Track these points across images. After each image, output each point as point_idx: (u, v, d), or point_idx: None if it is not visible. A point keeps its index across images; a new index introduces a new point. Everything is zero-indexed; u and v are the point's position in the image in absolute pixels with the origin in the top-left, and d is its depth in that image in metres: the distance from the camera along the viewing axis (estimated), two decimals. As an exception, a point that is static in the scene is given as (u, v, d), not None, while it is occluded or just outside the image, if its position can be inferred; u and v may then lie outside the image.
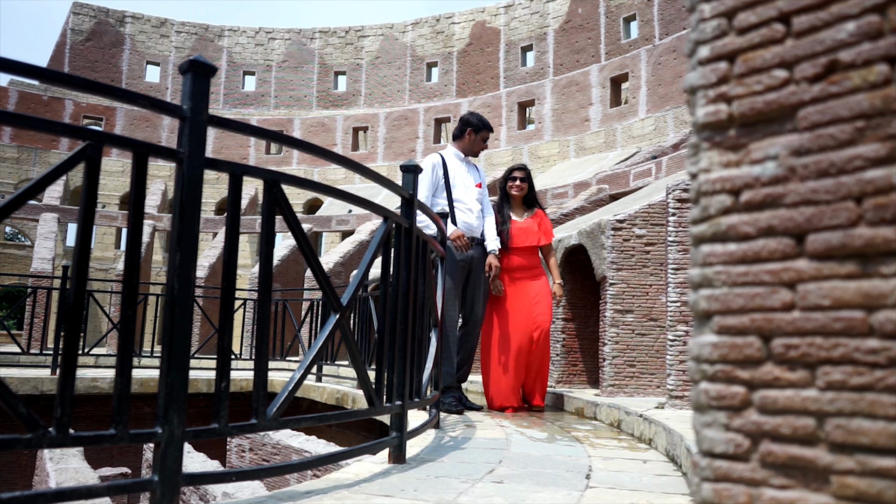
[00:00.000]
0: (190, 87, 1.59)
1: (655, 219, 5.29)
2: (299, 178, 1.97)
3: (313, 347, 2.04)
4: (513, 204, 4.85)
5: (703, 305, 0.82)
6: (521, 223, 4.76)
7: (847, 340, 0.71)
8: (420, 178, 4.28)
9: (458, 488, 2.05)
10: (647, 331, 5.17)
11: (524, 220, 4.78)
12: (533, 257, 4.73)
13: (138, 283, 1.51)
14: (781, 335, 0.75)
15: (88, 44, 27.37)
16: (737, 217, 0.80)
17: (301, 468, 1.90)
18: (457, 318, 4.36)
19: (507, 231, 4.70)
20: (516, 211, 4.84)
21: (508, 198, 4.85)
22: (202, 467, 4.63)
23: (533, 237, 4.71)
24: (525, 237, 4.71)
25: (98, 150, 1.43)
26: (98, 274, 23.20)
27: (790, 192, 0.76)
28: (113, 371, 1.49)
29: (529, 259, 4.72)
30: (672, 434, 2.90)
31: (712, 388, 0.80)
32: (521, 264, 4.69)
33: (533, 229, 4.72)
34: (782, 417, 0.74)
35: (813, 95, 0.75)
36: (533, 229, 4.72)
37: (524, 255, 4.70)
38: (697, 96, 0.85)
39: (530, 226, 4.74)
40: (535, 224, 4.75)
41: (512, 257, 4.70)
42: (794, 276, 0.75)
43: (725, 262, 0.80)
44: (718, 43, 0.83)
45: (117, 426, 1.39)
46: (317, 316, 8.11)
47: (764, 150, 0.78)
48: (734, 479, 0.77)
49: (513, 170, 4.88)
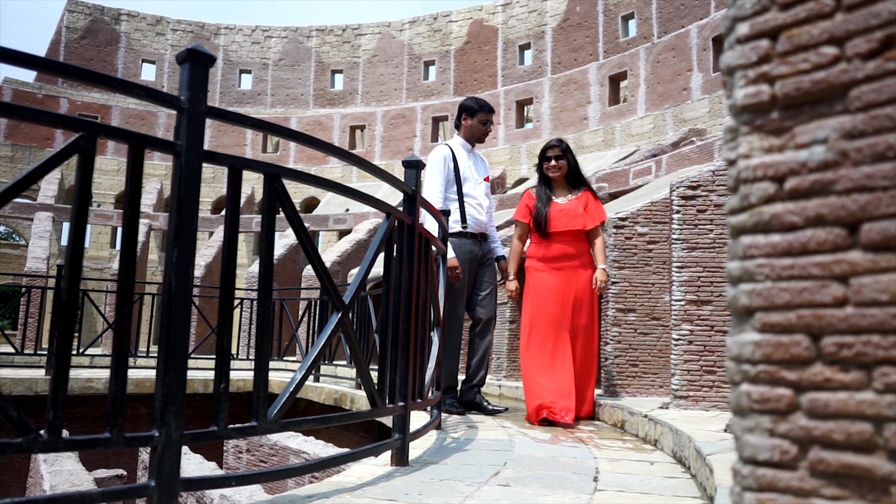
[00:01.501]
0: (188, 77, 1.53)
1: (658, 217, 5.24)
2: (300, 172, 1.92)
3: (315, 347, 1.98)
4: (554, 185, 4.32)
5: (743, 301, 0.76)
6: (562, 205, 4.21)
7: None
8: (430, 171, 4.20)
9: (464, 492, 1.99)
10: (649, 330, 5.12)
11: (567, 201, 4.23)
12: (579, 244, 4.17)
13: (134, 280, 1.45)
14: (833, 333, 0.70)
15: (83, 42, 27.24)
16: (781, 206, 0.74)
17: (303, 472, 1.84)
18: (463, 318, 4.26)
19: (544, 215, 4.17)
20: (559, 192, 4.30)
21: (548, 180, 4.33)
22: (199, 469, 4.57)
23: (577, 220, 4.14)
24: (566, 220, 4.15)
25: (92, 141, 1.37)
26: (93, 273, 23.09)
27: (841, 178, 0.70)
28: (108, 371, 1.43)
29: (575, 246, 4.16)
30: (679, 435, 2.85)
31: (755, 391, 0.74)
32: (564, 252, 4.15)
33: (577, 211, 4.16)
34: (834, 422, 0.69)
35: (867, 73, 0.69)
36: (577, 211, 4.16)
37: (567, 242, 4.16)
38: (736, 77, 0.79)
39: (574, 207, 4.18)
40: (580, 205, 4.19)
41: (552, 245, 4.17)
42: (847, 269, 0.69)
43: (768, 254, 0.74)
44: (759, 19, 0.77)
45: (112, 429, 1.33)
46: (314, 316, 8.05)
47: (811, 133, 0.73)
48: (780, 489, 0.71)
49: (546, 148, 4.33)
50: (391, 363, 2.31)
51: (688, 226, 4.08)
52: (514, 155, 24.14)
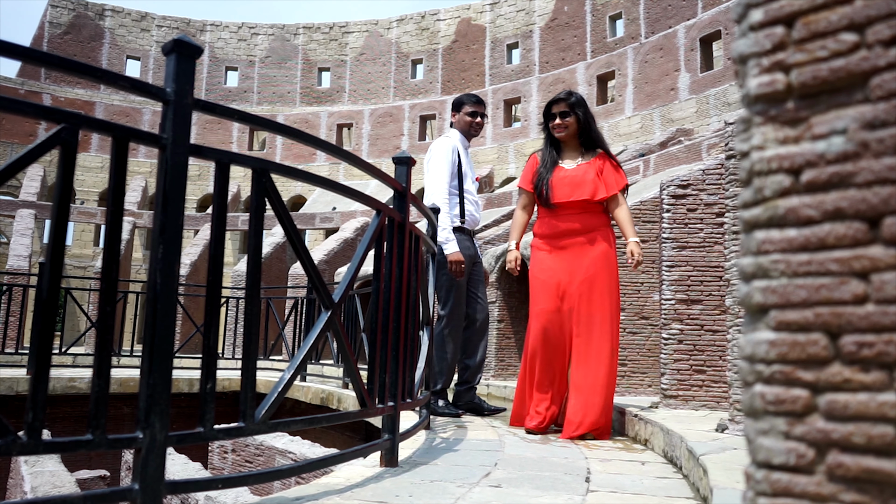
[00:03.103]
0: (174, 68, 1.48)
1: (647, 216, 5.24)
2: (289, 167, 1.88)
3: (304, 346, 1.94)
4: (563, 147, 3.68)
5: (757, 298, 0.73)
6: (568, 171, 3.57)
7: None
8: (439, 162, 4.11)
9: (455, 493, 1.96)
10: (638, 329, 5.11)
11: (576, 166, 3.58)
12: (589, 217, 3.50)
13: (117, 278, 1.40)
14: (852, 331, 0.67)
15: (67, 37, 26.94)
16: (797, 199, 0.71)
17: (291, 473, 1.80)
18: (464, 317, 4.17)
19: (546, 182, 3.56)
20: (568, 155, 3.66)
21: (557, 141, 3.69)
22: (183, 469, 4.50)
23: (583, 189, 3.49)
24: (570, 189, 3.51)
25: (74, 133, 1.32)
26: (76, 272, 22.85)
27: (862, 170, 0.67)
28: (91, 371, 1.38)
29: (581, 220, 3.50)
30: (671, 435, 2.83)
31: (769, 392, 0.71)
32: (569, 228, 3.51)
33: (587, 178, 3.50)
34: (854, 425, 0.66)
35: (889, 61, 0.66)
36: (587, 178, 3.50)
37: (572, 215, 3.51)
38: (749, 66, 0.76)
39: (583, 174, 3.52)
40: (591, 171, 3.53)
41: (556, 218, 3.55)
42: (868, 265, 0.66)
43: (784, 249, 0.71)
44: (774, 5, 0.74)
45: (94, 431, 1.28)
46: (301, 315, 7.99)
47: (829, 123, 0.70)
48: (796, 494, 0.68)
49: (552, 103, 3.67)
50: (380, 363, 2.27)
51: (678, 225, 4.07)
52: (502, 154, 24.14)
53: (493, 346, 7.49)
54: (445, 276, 3.98)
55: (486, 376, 7.46)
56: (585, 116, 3.61)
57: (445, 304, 4.01)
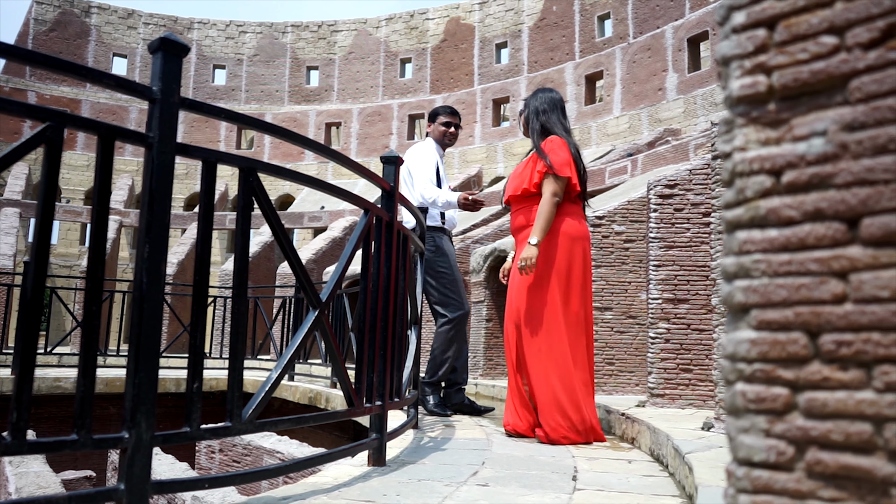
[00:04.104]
0: (160, 66, 1.47)
1: (635, 215, 5.26)
2: (277, 167, 1.87)
3: (291, 345, 1.94)
4: None
5: (739, 298, 0.74)
6: (518, 166, 3.54)
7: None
8: (423, 163, 4.13)
9: (443, 492, 1.96)
10: (626, 328, 5.14)
11: (528, 157, 3.51)
12: (531, 213, 3.35)
13: (103, 277, 1.39)
14: (831, 330, 0.68)
15: (52, 34, 26.69)
16: (778, 200, 0.72)
17: (278, 473, 1.80)
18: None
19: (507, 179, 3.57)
20: None
21: None
22: (170, 469, 4.48)
23: (522, 181, 3.40)
24: (514, 182, 3.46)
25: (59, 132, 1.31)
26: (62, 271, 22.65)
27: (841, 171, 0.68)
28: (76, 371, 1.38)
29: (525, 215, 3.38)
30: (657, 433, 2.85)
31: (750, 390, 0.72)
32: (520, 224, 3.41)
33: (526, 172, 3.40)
34: (833, 422, 0.67)
35: (868, 63, 0.67)
36: (526, 172, 3.40)
37: (519, 210, 3.43)
38: (731, 67, 0.77)
39: (525, 167, 3.43)
40: (531, 163, 3.40)
41: (511, 215, 3.51)
42: (847, 265, 0.67)
43: (765, 249, 0.72)
44: (756, 8, 0.75)
45: (80, 431, 1.28)
46: (289, 314, 7.97)
47: (809, 125, 0.71)
48: (776, 491, 0.69)
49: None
50: (368, 362, 2.27)
51: (665, 224, 4.09)
52: (491, 153, 24.16)
53: (482, 345, 7.50)
54: (444, 275, 3.97)
55: (474, 375, 7.47)
56: (528, 114, 3.58)
57: (446, 304, 3.98)
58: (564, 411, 3.12)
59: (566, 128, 3.51)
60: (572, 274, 3.26)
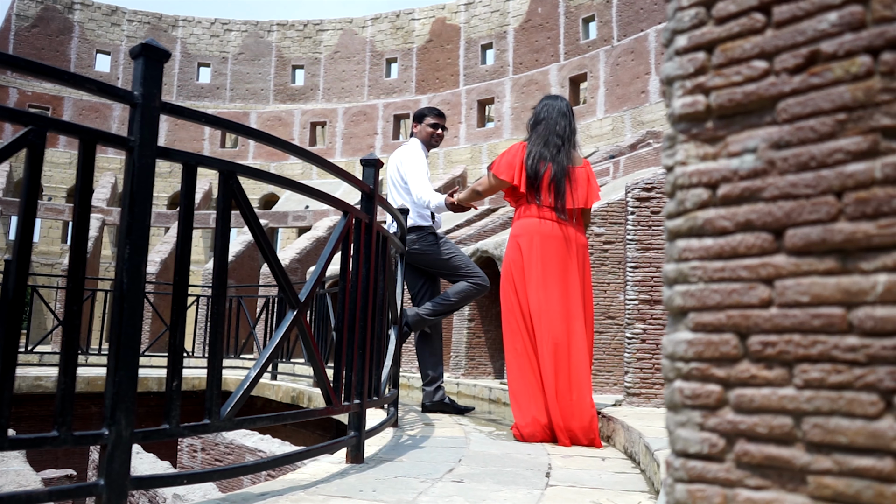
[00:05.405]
0: (142, 71, 1.51)
1: (614, 217, 5.34)
2: (256, 170, 1.91)
3: (270, 345, 1.98)
4: None
5: (678, 302, 0.80)
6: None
7: (826, 338, 0.69)
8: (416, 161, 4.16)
9: (418, 488, 2.01)
10: (604, 329, 5.21)
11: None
12: None
13: (84, 277, 1.43)
14: (759, 332, 0.74)
15: (34, 30, 26.43)
16: (714, 211, 0.78)
17: (256, 469, 1.84)
18: None
19: None
20: None
21: None
22: (152, 468, 4.50)
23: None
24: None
25: (42, 135, 1.34)
26: (44, 269, 22.45)
27: (769, 185, 0.74)
28: (57, 369, 1.41)
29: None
30: (630, 431, 2.92)
31: (687, 387, 0.78)
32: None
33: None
34: (758, 416, 0.73)
35: (793, 87, 0.73)
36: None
37: None
38: (674, 87, 0.83)
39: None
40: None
41: None
42: (773, 272, 0.73)
43: (702, 257, 0.78)
44: (697, 32, 0.81)
45: (60, 428, 1.32)
46: (272, 313, 7.99)
47: (742, 142, 0.77)
48: (708, 480, 0.75)
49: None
50: (347, 361, 2.32)
51: (642, 227, 4.17)
52: (475, 154, 24.24)
53: (464, 344, 7.56)
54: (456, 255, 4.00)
55: (455, 375, 7.53)
56: None
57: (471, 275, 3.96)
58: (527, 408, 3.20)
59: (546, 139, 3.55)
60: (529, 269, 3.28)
